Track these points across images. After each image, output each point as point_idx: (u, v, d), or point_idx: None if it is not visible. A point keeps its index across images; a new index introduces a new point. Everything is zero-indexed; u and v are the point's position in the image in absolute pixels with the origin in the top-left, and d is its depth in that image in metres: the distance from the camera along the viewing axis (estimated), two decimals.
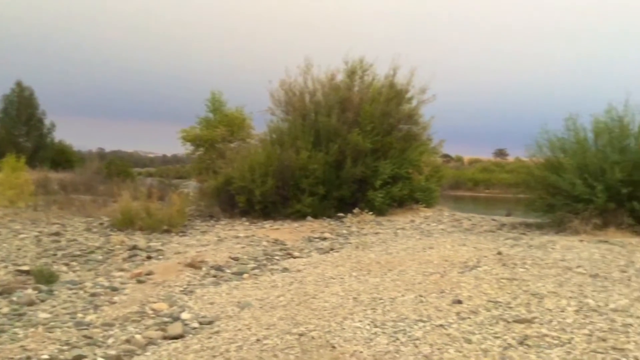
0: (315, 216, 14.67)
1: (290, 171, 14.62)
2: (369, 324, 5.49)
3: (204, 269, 8.81)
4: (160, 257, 9.99)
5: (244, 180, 14.62)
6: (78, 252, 10.22)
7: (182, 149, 20.12)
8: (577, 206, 10.95)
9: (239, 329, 5.61)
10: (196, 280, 8.14)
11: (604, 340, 4.71)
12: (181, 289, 7.68)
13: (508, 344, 4.72)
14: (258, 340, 5.24)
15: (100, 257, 9.92)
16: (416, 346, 4.81)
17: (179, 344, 5.43)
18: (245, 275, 8.35)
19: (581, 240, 9.74)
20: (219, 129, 18.07)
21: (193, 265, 8.89)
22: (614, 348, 4.51)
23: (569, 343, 4.65)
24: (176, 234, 12.58)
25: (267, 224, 13.96)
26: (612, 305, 5.69)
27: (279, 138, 15.82)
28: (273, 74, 22.17)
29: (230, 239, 11.84)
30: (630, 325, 5.07)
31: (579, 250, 8.68)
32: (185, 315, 6.36)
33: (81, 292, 7.60)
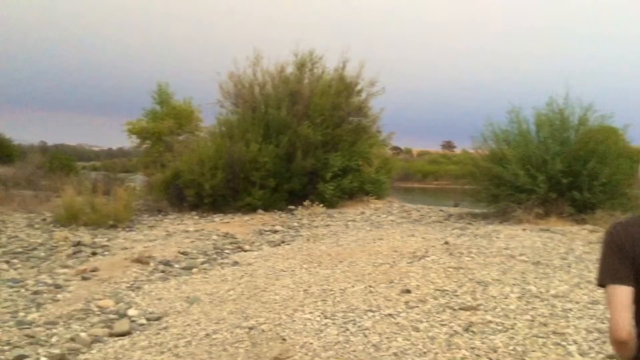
0: (266, 209, 14.60)
1: (240, 164, 14.47)
2: (319, 316, 5.52)
3: (151, 264, 8.63)
4: (106, 253, 9.73)
5: (193, 174, 14.39)
6: (19, 249, 9.83)
7: (128, 142, 19.60)
8: (520, 196, 11.30)
9: (188, 324, 5.54)
10: (144, 276, 7.97)
11: (545, 325, 4.89)
12: (128, 285, 7.50)
13: (454, 330, 4.84)
14: (207, 335, 5.18)
15: (43, 254, 9.56)
16: (365, 336, 4.87)
17: (125, 341, 5.31)
18: (194, 270, 8.23)
19: (524, 229, 10.07)
20: (166, 122, 17.65)
21: (140, 260, 8.70)
22: (554, 332, 4.69)
23: (512, 329, 4.81)
24: (123, 229, 12.26)
25: (217, 218, 13.81)
26: (552, 292, 5.91)
27: (228, 131, 15.63)
28: (222, 66, 21.78)
29: (179, 233, 11.65)
30: (570, 310, 5.29)
31: (522, 239, 8.97)
32: (132, 312, 6.22)
33: (23, 290, 7.31)
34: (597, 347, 4.31)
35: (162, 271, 8.27)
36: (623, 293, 1.71)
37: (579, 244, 8.63)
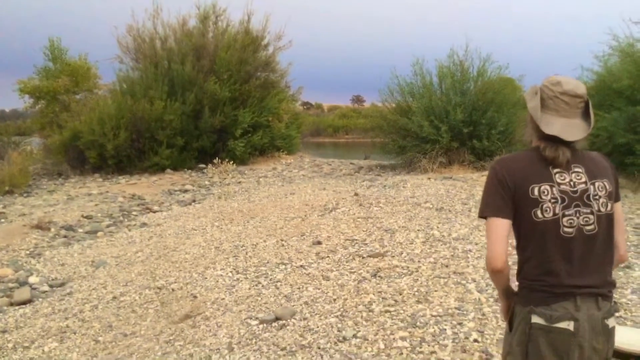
0: (175, 169, 14.23)
1: (144, 123, 13.92)
2: (231, 272, 5.50)
3: (52, 229, 8.20)
4: (2, 220, 9.11)
5: (94, 134, 13.68)
6: None
7: (21, 103, 18.21)
8: (425, 147, 11.71)
9: (94, 289, 5.35)
10: (44, 242, 7.57)
11: (446, 266, 5.15)
12: (28, 252, 7.09)
13: (362, 277, 4.99)
14: (115, 297, 5.03)
15: None
16: (277, 288, 4.92)
17: (27, 309, 5.06)
18: (99, 234, 7.91)
19: (429, 178, 10.49)
20: (61, 80, 16.51)
21: (40, 226, 8.24)
22: (455, 272, 4.95)
23: (417, 271, 5.03)
24: (20, 194, 11.52)
25: (123, 179, 13.29)
26: (454, 235, 6.22)
27: (129, 88, 14.92)
28: (119, 19, 20.57)
29: (81, 197, 11.12)
30: (470, 251, 5.60)
31: (427, 187, 9.33)
32: (33, 279, 5.91)
33: None
34: (493, 284, 4.59)
35: (65, 236, 7.89)
36: (501, 225, 1.80)
37: (479, 189, 9.10)
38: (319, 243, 6.26)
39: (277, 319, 4.22)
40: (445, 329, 3.76)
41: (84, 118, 14.21)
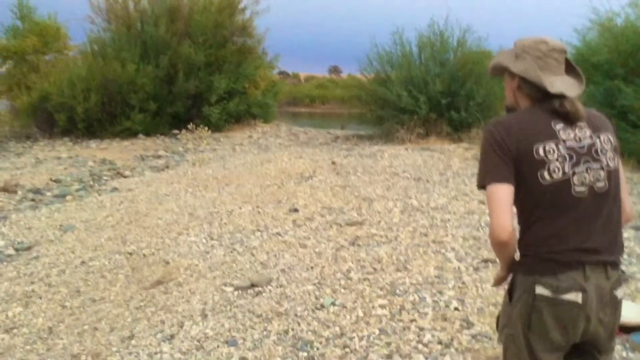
0: (148, 134, 13.87)
1: (116, 86, 13.45)
2: (205, 238, 5.36)
3: (19, 192, 7.92)
4: None
5: (63, 97, 13.19)
6: None
7: None
8: (403, 117, 11.60)
9: (62, 253, 5.15)
10: (11, 206, 7.29)
11: (425, 235, 5.09)
12: None
13: (340, 245, 4.90)
14: (83, 262, 4.85)
15: None
16: (253, 255, 4.80)
17: None
18: (68, 198, 7.65)
19: (406, 149, 10.41)
20: (29, 39, 15.83)
21: (6, 189, 7.93)
22: (434, 241, 4.89)
23: (395, 240, 4.95)
24: None
25: (94, 144, 12.91)
26: (432, 204, 6.16)
27: (101, 50, 14.36)
28: None
29: (50, 160, 10.77)
30: (449, 220, 5.54)
31: (405, 158, 9.26)
32: None
33: None
34: (473, 252, 4.55)
35: (32, 200, 7.62)
36: (505, 192, 1.62)
37: (456, 160, 9.07)
38: (296, 211, 6.14)
39: (252, 285, 4.11)
40: (425, 297, 3.69)
41: (53, 79, 13.67)
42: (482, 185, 1.70)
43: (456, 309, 3.53)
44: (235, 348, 3.22)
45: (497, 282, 1.94)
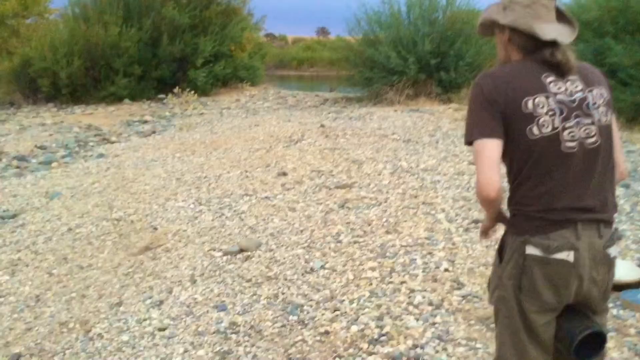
0: (133, 99, 13.65)
1: (99, 50, 13.16)
2: (193, 203, 5.30)
3: (4, 160, 7.79)
4: None
5: (46, 61, 12.90)
6: None
7: None
8: (392, 78, 11.47)
9: (48, 220, 5.08)
10: None
11: (415, 197, 5.06)
12: None
13: (330, 208, 4.87)
14: (70, 229, 4.79)
15: None
16: (242, 219, 4.76)
17: None
18: (54, 164, 7.53)
19: (396, 110, 10.33)
20: (9, 3, 15.40)
21: None
22: (424, 203, 4.87)
23: (385, 202, 4.92)
24: None
25: (79, 109, 12.69)
26: (422, 166, 6.13)
27: (82, 12, 14.01)
28: None
29: (35, 126, 10.58)
30: (438, 181, 5.52)
31: (394, 119, 9.18)
32: None
33: None
34: (463, 213, 4.54)
35: (17, 167, 7.50)
36: (493, 147, 1.55)
37: (446, 121, 9.01)
38: (285, 174, 6.08)
39: (241, 250, 4.07)
40: (415, 259, 3.68)
41: (34, 44, 13.35)
42: (469, 142, 1.63)
43: (446, 270, 3.52)
44: (225, 313, 3.20)
45: (484, 233, 1.89)
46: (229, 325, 3.06)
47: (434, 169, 6.00)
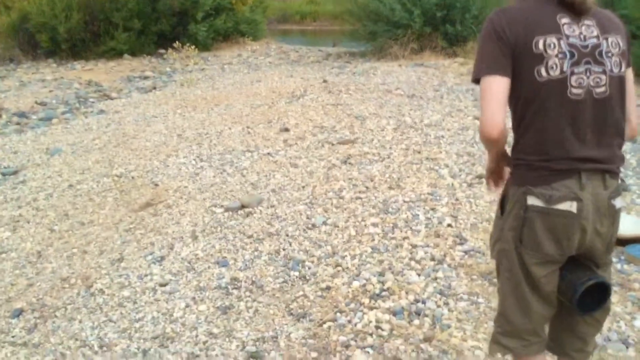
0: (134, 54, 13.42)
1: (98, 4, 12.87)
2: (194, 159, 5.26)
3: (4, 116, 7.72)
4: None
5: (44, 16, 12.63)
6: None
7: None
8: (396, 32, 11.20)
9: (49, 177, 5.05)
10: None
11: (419, 152, 5.00)
12: None
13: (332, 164, 4.81)
14: (71, 185, 4.77)
15: None
16: (243, 175, 4.72)
17: None
18: (54, 121, 7.47)
19: (400, 65, 10.14)
20: None
21: None
22: (427, 158, 4.81)
23: (388, 158, 4.86)
24: None
25: (79, 65, 12.50)
26: (426, 121, 6.03)
27: None
28: None
29: (35, 83, 10.46)
30: (442, 137, 5.44)
31: (398, 74, 9.02)
32: None
33: None
34: (467, 169, 4.48)
35: (17, 123, 7.44)
36: (500, 84, 1.48)
37: (451, 76, 8.84)
38: (287, 130, 6.01)
39: (243, 206, 4.05)
40: (418, 215, 3.65)
41: None
42: (476, 79, 1.56)
43: (449, 225, 3.49)
44: (227, 268, 3.19)
45: (489, 175, 1.82)
46: (230, 280, 3.05)
47: (437, 124, 5.91)
